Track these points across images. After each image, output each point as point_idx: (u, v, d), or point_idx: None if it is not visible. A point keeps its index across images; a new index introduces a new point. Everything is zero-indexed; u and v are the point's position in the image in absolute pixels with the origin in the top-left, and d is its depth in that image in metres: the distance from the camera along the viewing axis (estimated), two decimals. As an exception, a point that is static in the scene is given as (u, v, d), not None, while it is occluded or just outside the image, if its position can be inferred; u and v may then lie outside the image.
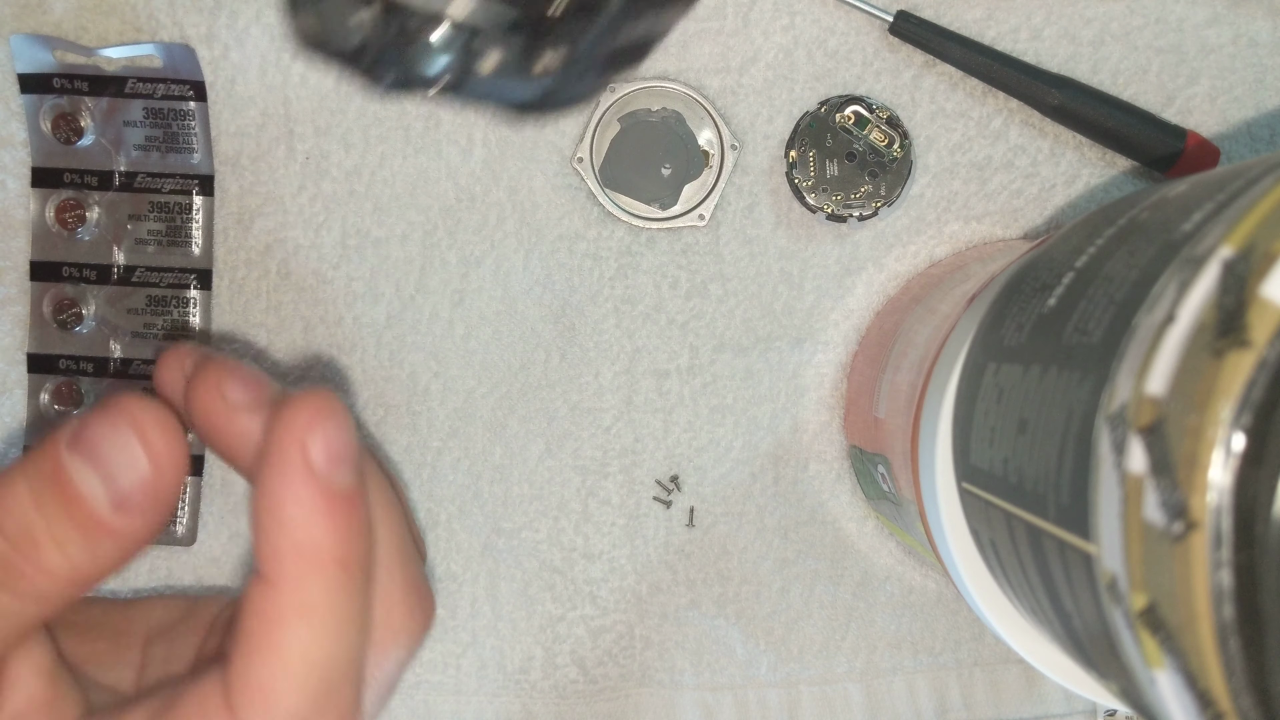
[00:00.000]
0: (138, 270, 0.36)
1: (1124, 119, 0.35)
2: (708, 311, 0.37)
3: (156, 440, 0.20)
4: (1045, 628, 0.22)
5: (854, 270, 0.37)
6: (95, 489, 0.20)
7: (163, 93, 0.36)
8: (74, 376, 0.36)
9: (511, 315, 0.37)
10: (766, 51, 0.36)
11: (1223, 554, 0.14)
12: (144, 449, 0.20)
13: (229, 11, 0.36)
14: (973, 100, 0.36)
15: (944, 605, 0.38)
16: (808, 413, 0.37)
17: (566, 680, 0.37)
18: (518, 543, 0.37)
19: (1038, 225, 0.37)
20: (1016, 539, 0.21)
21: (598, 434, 0.37)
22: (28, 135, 0.36)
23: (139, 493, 0.20)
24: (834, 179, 0.36)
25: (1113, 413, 0.17)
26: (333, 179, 0.36)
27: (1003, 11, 0.36)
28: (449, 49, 0.26)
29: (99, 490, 0.20)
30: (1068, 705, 0.38)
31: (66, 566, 0.20)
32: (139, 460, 0.20)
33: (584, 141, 0.36)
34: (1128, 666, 0.17)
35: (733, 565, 0.37)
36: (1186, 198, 0.19)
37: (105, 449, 0.20)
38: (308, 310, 0.37)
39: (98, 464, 0.20)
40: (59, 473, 0.20)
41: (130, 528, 0.20)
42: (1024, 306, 0.22)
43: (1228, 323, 0.15)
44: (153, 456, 0.20)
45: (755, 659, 0.38)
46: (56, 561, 0.20)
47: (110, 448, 0.20)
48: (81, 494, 0.20)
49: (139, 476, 0.20)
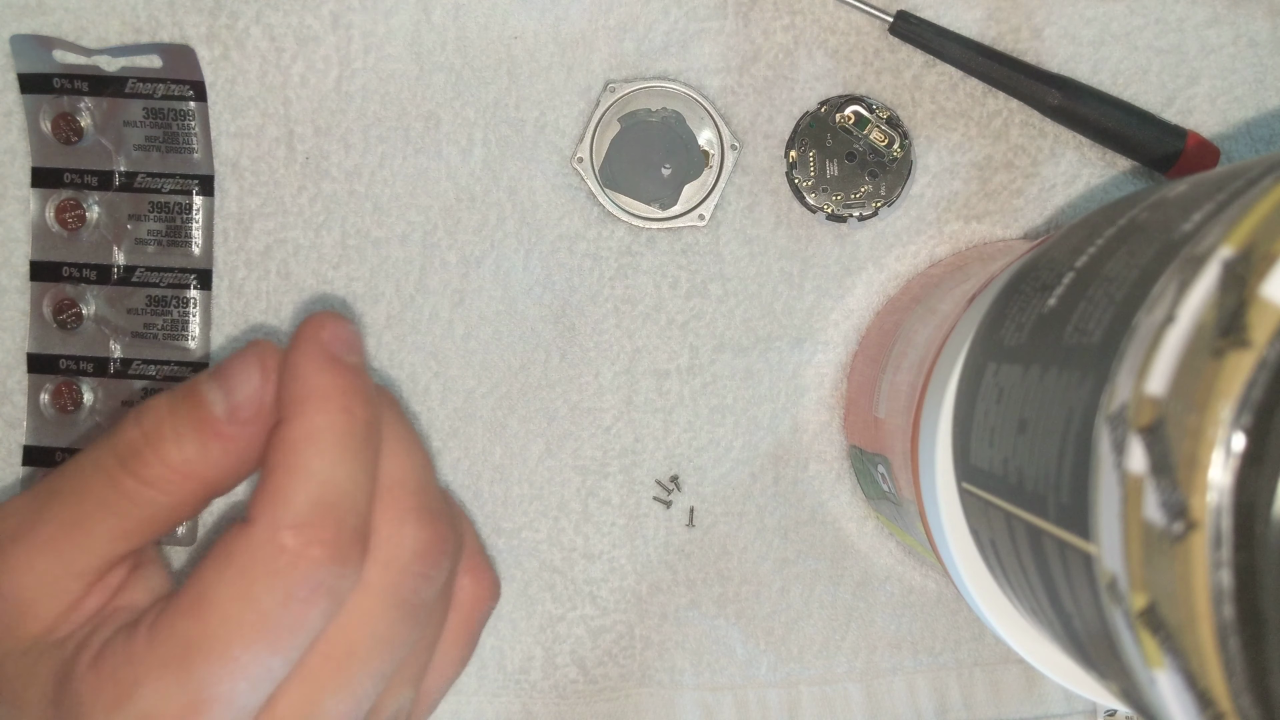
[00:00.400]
0: (138, 270, 0.36)
1: (1124, 119, 0.35)
2: (708, 311, 0.37)
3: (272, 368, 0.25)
4: (1045, 628, 0.22)
5: (854, 270, 0.37)
6: (216, 397, 0.25)
7: (163, 93, 0.36)
8: (74, 376, 0.36)
9: (511, 315, 0.37)
10: (767, 51, 0.36)
11: (1223, 554, 0.14)
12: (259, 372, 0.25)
13: (229, 11, 0.36)
14: (973, 100, 0.36)
15: (944, 605, 0.38)
16: (808, 413, 0.37)
17: (566, 680, 0.37)
18: (518, 543, 0.37)
19: (1038, 225, 0.37)
20: (1016, 539, 0.21)
21: (598, 434, 0.37)
22: (28, 135, 0.36)
23: (249, 404, 0.25)
24: (834, 179, 0.36)
25: (1113, 413, 0.17)
26: (333, 179, 0.36)
27: (1003, 11, 0.36)
28: None
29: (219, 398, 0.25)
30: (1068, 705, 0.38)
31: (180, 458, 0.24)
32: (254, 378, 0.25)
33: (584, 141, 0.36)
34: (1128, 666, 0.17)
35: (733, 565, 0.37)
36: (1186, 198, 0.19)
37: (232, 371, 0.25)
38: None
39: (223, 381, 0.25)
40: (194, 387, 0.25)
41: (236, 434, 0.25)
42: (1024, 306, 0.22)
43: (1228, 323, 0.15)
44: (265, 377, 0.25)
45: (755, 659, 0.38)
46: (173, 452, 0.24)
47: (235, 370, 0.25)
48: (205, 400, 0.25)
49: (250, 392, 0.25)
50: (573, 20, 0.36)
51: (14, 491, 0.37)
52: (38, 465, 0.37)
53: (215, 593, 0.23)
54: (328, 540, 0.24)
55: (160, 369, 0.36)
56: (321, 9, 0.36)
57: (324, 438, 0.24)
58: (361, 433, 0.25)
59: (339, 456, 0.24)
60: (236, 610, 0.23)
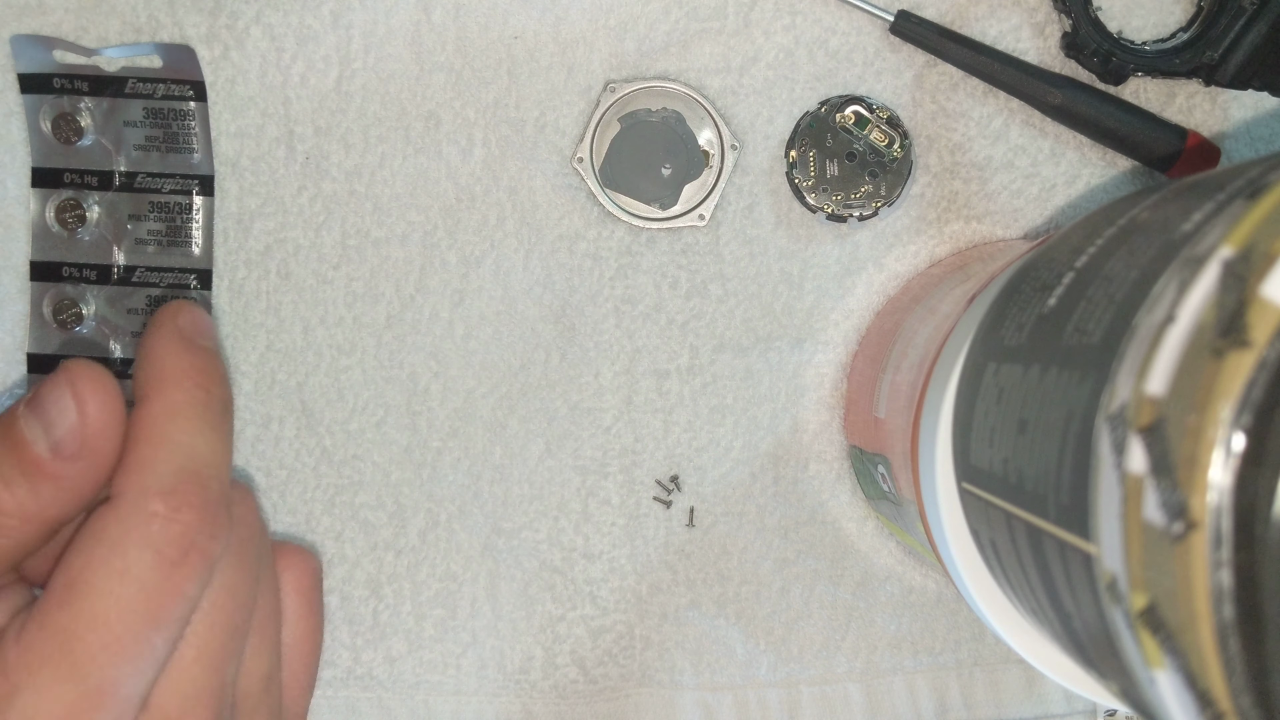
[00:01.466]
0: (138, 270, 0.36)
1: (1125, 119, 0.35)
2: (708, 311, 0.37)
3: (88, 394, 0.24)
4: (1045, 628, 0.22)
5: (854, 270, 0.37)
6: (37, 435, 0.24)
7: (163, 93, 0.36)
8: (74, 376, 0.36)
9: (511, 315, 0.37)
10: (767, 51, 0.36)
11: (1223, 554, 0.14)
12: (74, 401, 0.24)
13: (229, 11, 0.36)
14: (973, 100, 0.36)
15: (944, 605, 0.38)
16: (808, 413, 0.37)
17: (566, 680, 0.37)
18: (518, 543, 0.37)
19: (1038, 225, 0.37)
20: (1016, 539, 0.21)
21: (598, 434, 0.37)
22: (28, 135, 0.36)
23: (70, 439, 0.24)
24: (834, 179, 0.36)
25: (1113, 413, 0.17)
26: (333, 179, 0.36)
27: (1004, 10, 0.36)
28: None
29: (40, 436, 0.24)
30: (1068, 705, 0.38)
31: (13, 503, 0.24)
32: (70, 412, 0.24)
33: (584, 141, 0.36)
34: (1128, 666, 0.17)
35: (733, 565, 0.37)
36: (1186, 198, 0.19)
37: (47, 403, 0.24)
38: (308, 311, 0.37)
39: (41, 415, 0.24)
40: (12, 423, 0.24)
41: (64, 472, 0.24)
42: (1024, 306, 0.22)
43: (1228, 323, 0.15)
44: (81, 409, 0.24)
45: (755, 659, 0.37)
46: (6, 500, 0.24)
47: (51, 402, 0.24)
48: (25, 439, 0.24)
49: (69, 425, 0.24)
50: (573, 20, 0.36)
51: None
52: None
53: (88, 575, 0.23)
54: (196, 505, 0.24)
55: (160, 369, 0.36)
56: (321, 8, 0.36)
57: (184, 412, 0.25)
58: (218, 408, 0.26)
59: (199, 428, 0.25)
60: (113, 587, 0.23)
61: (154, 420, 0.25)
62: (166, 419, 0.25)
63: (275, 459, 0.37)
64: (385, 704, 0.37)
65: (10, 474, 0.24)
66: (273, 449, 0.37)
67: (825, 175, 0.36)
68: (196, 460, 0.25)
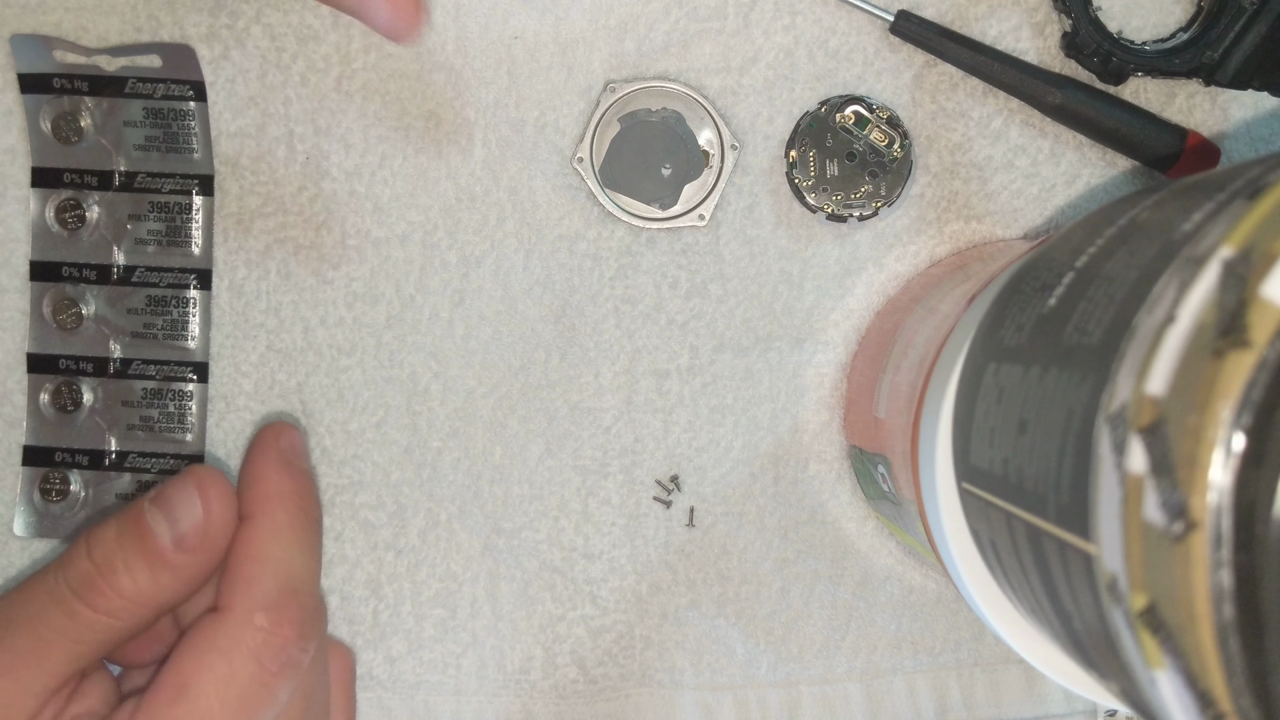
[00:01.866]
0: (138, 270, 0.36)
1: (1125, 119, 0.35)
2: (708, 311, 0.37)
3: (213, 496, 0.27)
4: (1045, 628, 0.22)
5: (854, 270, 0.37)
6: (162, 528, 0.27)
7: (163, 93, 0.36)
8: (74, 376, 0.36)
9: (511, 315, 0.37)
10: (767, 51, 0.36)
11: (1223, 554, 0.14)
12: (201, 502, 0.27)
13: (229, 11, 0.36)
14: (973, 100, 0.36)
15: (944, 605, 0.38)
16: (808, 413, 0.37)
17: (566, 680, 0.37)
18: (518, 543, 0.37)
19: (1038, 225, 0.37)
20: (1016, 539, 0.21)
21: (598, 434, 0.37)
22: (28, 135, 0.36)
23: (193, 534, 0.27)
24: (834, 179, 0.36)
25: (1113, 413, 0.17)
26: (333, 179, 0.36)
27: (1004, 10, 0.36)
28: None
29: (164, 529, 0.27)
30: (1068, 705, 0.38)
31: (133, 588, 0.26)
32: (196, 509, 0.27)
33: (584, 141, 0.36)
34: (1128, 666, 0.17)
35: (733, 565, 0.37)
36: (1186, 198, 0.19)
37: (174, 501, 0.27)
38: (308, 311, 0.37)
39: (167, 511, 0.27)
40: (139, 516, 0.27)
41: (184, 563, 0.27)
42: (1024, 306, 0.22)
43: (1228, 323, 0.15)
44: (207, 508, 0.27)
45: (755, 659, 0.37)
46: (126, 583, 0.26)
47: (177, 500, 0.27)
48: (151, 531, 0.27)
49: (195, 522, 0.27)
50: (573, 20, 0.36)
51: (13, 493, 0.37)
52: (38, 465, 0.37)
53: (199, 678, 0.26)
54: (294, 620, 0.27)
55: (160, 369, 0.36)
56: (322, 8, 0.36)
57: (285, 532, 0.28)
58: (314, 528, 0.29)
59: (298, 548, 0.28)
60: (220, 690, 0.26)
61: (260, 539, 0.28)
62: (271, 538, 0.28)
63: (275, 459, 0.37)
64: (385, 704, 0.37)
65: (134, 561, 0.27)
66: (273, 449, 0.37)
67: (825, 175, 0.36)
68: (294, 578, 0.28)
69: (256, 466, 0.29)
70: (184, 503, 0.27)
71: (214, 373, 0.37)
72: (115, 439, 0.37)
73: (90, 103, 0.36)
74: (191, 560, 0.27)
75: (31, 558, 0.37)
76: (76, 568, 0.27)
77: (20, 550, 0.37)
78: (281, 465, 0.29)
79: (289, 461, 0.29)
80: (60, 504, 0.36)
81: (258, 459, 0.29)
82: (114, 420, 0.37)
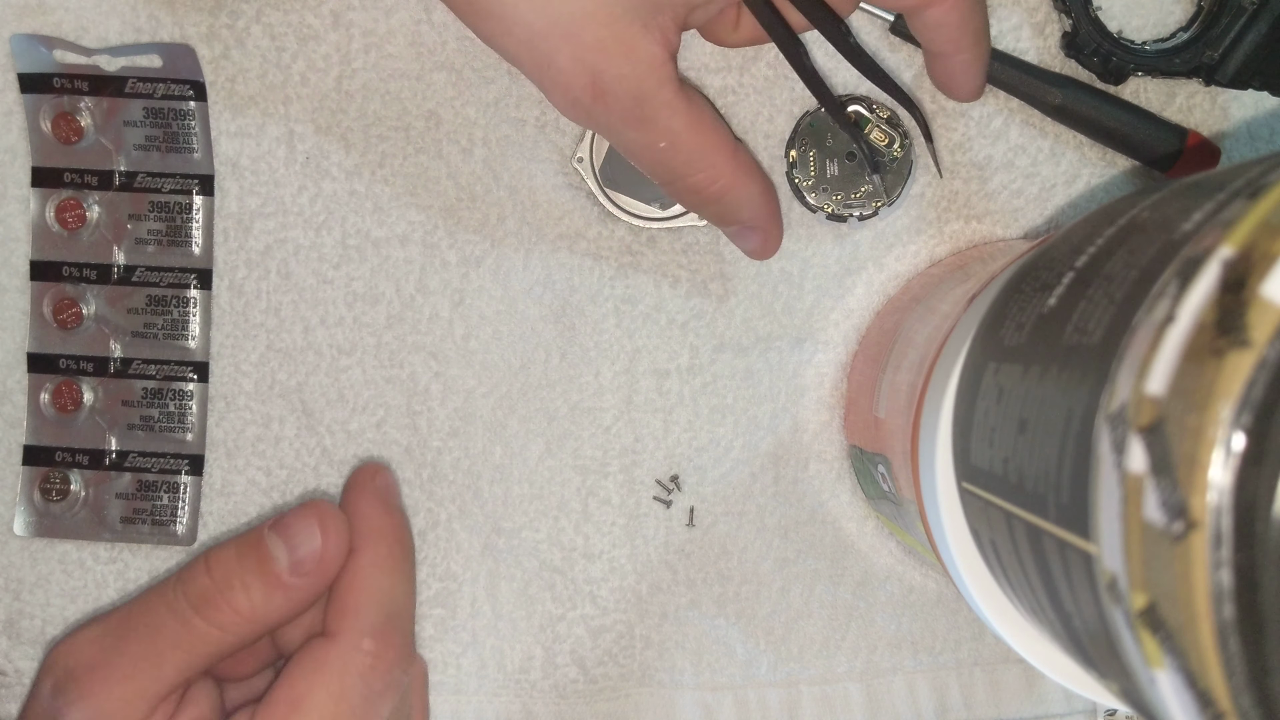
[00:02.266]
0: (138, 270, 0.36)
1: (1125, 118, 0.35)
2: (708, 311, 0.37)
3: (330, 528, 0.30)
4: (1045, 628, 0.22)
5: (854, 270, 0.37)
6: (280, 553, 0.29)
7: (163, 93, 0.36)
8: (74, 376, 0.36)
9: (511, 315, 0.37)
10: (767, 51, 0.36)
11: (1223, 554, 0.14)
12: (320, 531, 0.29)
13: (229, 11, 0.36)
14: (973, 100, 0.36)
15: (944, 605, 0.38)
16: (808, 413, 0.37)
17: (566, 680, 0.37)
18: (518, 543, 0.37)
19: (1038, 225, 0.37)
20: (1016, 539, 0.21)
21: (598, 434, 0.37)
22: (28, 135, 0.36)
23: (310, 560, 0.29)
24: (834, 179, 0.36)
25: (1113, 412, 0.17)
26: (333, 179, 0.36)
27: (1004, 10, 0.36)
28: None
29: (283, 554, 0.29)
30: (1068, 705, 0.38)
31: (247, 606, 0.29)
32: (315, 538, 0.29)
33: (584, 141, 0.36)
34: (1128, 666, 0.17)
35: (733, 565, 0.37)
36: (1186, 197, 0.19)
37: (294, 529, 0.29)
38: (308, 311, 0.37)
39: (287, 538, 0.29)
40: (259, 541, 0.29)
41: (297, 586, 0.29)
42: (1024, 306, 0.22)
43: (1228, 322, 0.15)
44: (325, 538, 0.29)
45: (755, 659, 0.37)
46: (241, 601, 0.29)
47: (298, 529, 0.29)
48: (270, 555, 0.29)
49: (312, 550, 0.29)
50: (573, 20, 0.36)
51: (13, 492, 0.37)
52: (38, 465, 0.37)
53: (311, 697, 0.28)
54: (396, 645, 0.30)
55: (160, 369, 0.36)
56: (322, 7, 0.36)
57: (386, 565, 0.30)
58: (410, 560, 0.32)
59: (398, 579, 0.31)
60: (330, 708, 0.28)
61: (365, 571, 0.30)
62: (375, 570, 0.30)
63: (275, 459, 0.37)
64: (385, 704, 0.37)
65: (252, 582, 0.29)
66: (273, 449, 0.37)
67: (825, 175, 0.36)
68: (395, 606, 0.30)
69: (357, 504, 0.32)
70: (304, 531, 0.29)
71: (214, 372, 0.37)
72: (115, 438, 0.37)
73: (90, 103, 0.36)
74: (304, 584, 0.29)
75: (32, 557, 0.37)
76: (196, 583, 0.29)
77: (20, 550, 0.37)
78: (380, 503, 0.32)
79: (386, 499, 0.32)
80: (60, 504, 0.36)
81: (357, 497, 0.32)
82: (114, 420, 0.37)
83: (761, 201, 0.32)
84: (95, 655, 0.29)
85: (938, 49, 0.32)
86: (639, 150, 0.30)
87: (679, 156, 0.30)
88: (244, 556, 0.29)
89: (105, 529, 0.37)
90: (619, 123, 0.30)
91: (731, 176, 0.31)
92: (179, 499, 0.37)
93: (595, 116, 0.30)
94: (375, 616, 0.30)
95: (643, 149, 0.30)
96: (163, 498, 0.37)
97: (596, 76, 0.29)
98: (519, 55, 0.29)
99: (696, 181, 0.31)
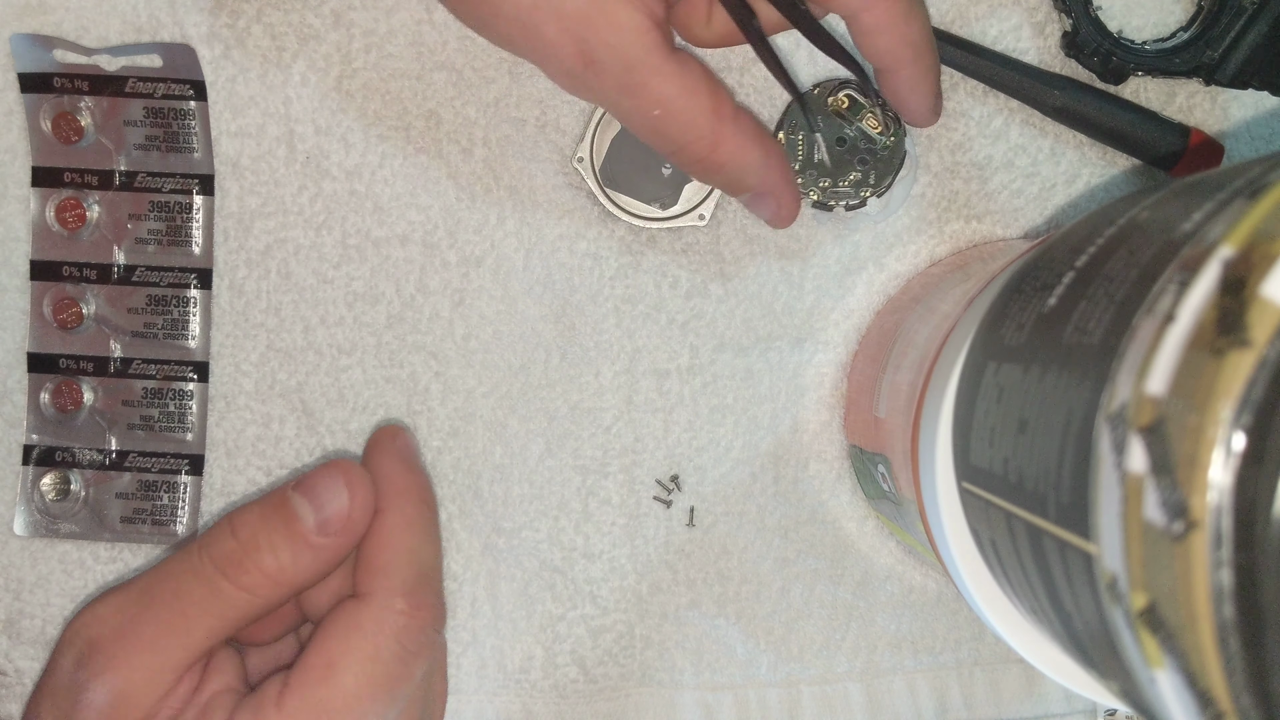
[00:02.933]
0: (138, 270, 0.36)
1: (1127, 118, 0.35)
2: (708, 311, 0.37)
3: (357, 486, 0.29)
4: (1045, 628, 0.22)
5: (854, 270, 0.37)
6: (306, 513, 0.28)
7: (163, 92, 0.36)
8: (74, 376, 0.36)
9: (511, 315, 0.37)
10: (767, 51, 0.36)
11: (1223, 554, 0.14)
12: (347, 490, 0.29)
13: (229, 11, 0.36)
14: (973, 100, 0.36)
15: (944, 605, 0.38)
16: (808, 413, 0.37)
17: (566, 680, 0.37)
18: (518, 542, 0.37)
19: (1038, 225, 0.37)
20: (1016, 539, 0.21)
21: (598, 434, 0.37)
22: (28, 135, 0.36)
23: (337, 519, 0.28)
24: (821, 164, 0.36)
25: (1113, 412, 0.17)
26: (333, 178, 0.36)
27: (1004, 10, 0.36)
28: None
29: (309, 514, 0.28)
30: (1068, 705, 0.38)
31: (275, 567, 0.28)
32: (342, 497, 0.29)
33: (584, 141, 0.36)
34: (1128, 666, 0.17)
35: (733, 565, 0.37)
36: (1187, 197, 0.19)
37: (319, 488, 0.29)
38: (308, 310, 0.37)
39: (312, 497, 0.29)
40: (283, 501, 0.29)
41: (324, 545, 0.28)
42: (1024, 306, 0.22)
43: (1228, 322, 0.15)
44: (352, 496, 0.29)
45: (755, 659, 0.37)
46: (268, 561, 0.28)
47: (323, 488, 0.29)
48: (296, 514, 0.28)
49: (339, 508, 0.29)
50: (573, 20, 0.36)
51: (13, 492, 0.37)
52: (38, 465, 0.37)
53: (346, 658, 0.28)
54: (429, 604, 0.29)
55: (160, 368, 0.36)
56: (323, 7, 0.36)
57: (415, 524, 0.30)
58: (436, 521, 0.31)
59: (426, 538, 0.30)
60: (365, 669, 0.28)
61: (393, 530, 0.30)
62: (404, 529, 0.30)
63: (275, 459, 0.37)
64: (385, 703, 0.37)
65: (278, 542, 0.28)
66: (273, 449, 0.37)
67: (813, 160, 0.36)
68: (426, 565, 0.30)
69: (380, 464, 0.31)
70: (329, 490, 0.29)
71: (214, 372, 0.37)
72: (115, 438, 0.37)
73: (90, 102, 0.36)
74: (331, 544, 0.28)
75: (32, 557, 0.37)
76: (221, 546, 0.28)
77: (20, 550, 0.37)
78: (400, 462, 0.31)
79: (407, 459, 0.31)
80: (60, 504, 0.36)
81: (379, 457, 0.31)
82: (114, 420, 0.37)
83: (766, 165, 0.31)
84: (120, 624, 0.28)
85: (879, 63, 0.31)
86: (635, 119, 0.30)
87: (675, 123, 0.30)
88: (269, 518, 0.28)
89: (105, 529, 0.37)
90: (613, 91, 0.29)
91: (732, 140, 0.30)
92: (179, 499, 0.37)
93: (590, 86, 0.29)
94: (406, 575, 0.29)
95: (638, 117, 0.30)
96: (163, 498, 0.37)
97: (584, 46, 0.28)
98: (511, 35, 0.29)
99: (697, 149, 0.30)
